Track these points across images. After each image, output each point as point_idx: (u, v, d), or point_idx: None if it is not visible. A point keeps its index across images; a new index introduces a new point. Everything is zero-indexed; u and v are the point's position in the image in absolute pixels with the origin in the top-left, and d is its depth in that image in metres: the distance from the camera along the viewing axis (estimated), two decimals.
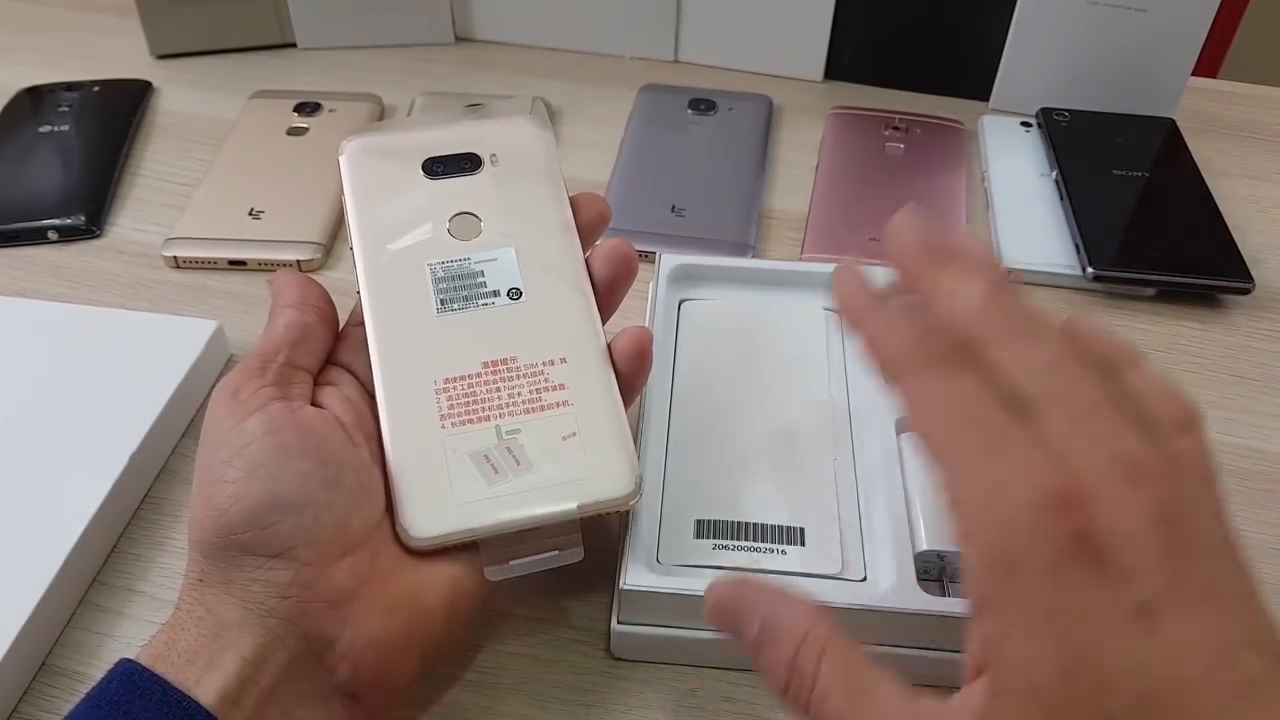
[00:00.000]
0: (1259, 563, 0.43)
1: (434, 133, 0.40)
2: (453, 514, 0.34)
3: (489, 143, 0.40)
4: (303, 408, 0.33)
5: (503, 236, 0.38)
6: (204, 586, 0.31)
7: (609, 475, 0.34)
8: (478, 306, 0.37)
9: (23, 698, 0.38)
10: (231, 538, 0.31)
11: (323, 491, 0.32)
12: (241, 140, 0.62)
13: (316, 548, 0.31)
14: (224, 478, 0.31)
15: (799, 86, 0.69)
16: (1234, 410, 0.49)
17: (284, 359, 0.35)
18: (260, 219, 0.57)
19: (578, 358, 0.36)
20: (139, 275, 0.55)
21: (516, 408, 0.35)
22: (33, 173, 0.60)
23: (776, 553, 0.39)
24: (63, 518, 0.40)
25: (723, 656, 0.38)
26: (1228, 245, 0.56)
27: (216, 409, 0.33)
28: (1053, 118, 0.64)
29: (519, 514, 0.34)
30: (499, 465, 0.34)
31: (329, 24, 0.71)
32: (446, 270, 0.37)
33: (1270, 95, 0.71)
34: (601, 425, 0.35)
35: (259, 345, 0.35)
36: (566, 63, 0.71)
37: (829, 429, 0.43)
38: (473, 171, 0.39)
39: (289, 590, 0.31)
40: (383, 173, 0.39)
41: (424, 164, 0.39)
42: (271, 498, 0.31)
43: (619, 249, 0.38)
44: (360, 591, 0.32)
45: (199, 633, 0.31)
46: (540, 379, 0.36)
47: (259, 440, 0.32)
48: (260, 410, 0.33)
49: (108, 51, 0.71)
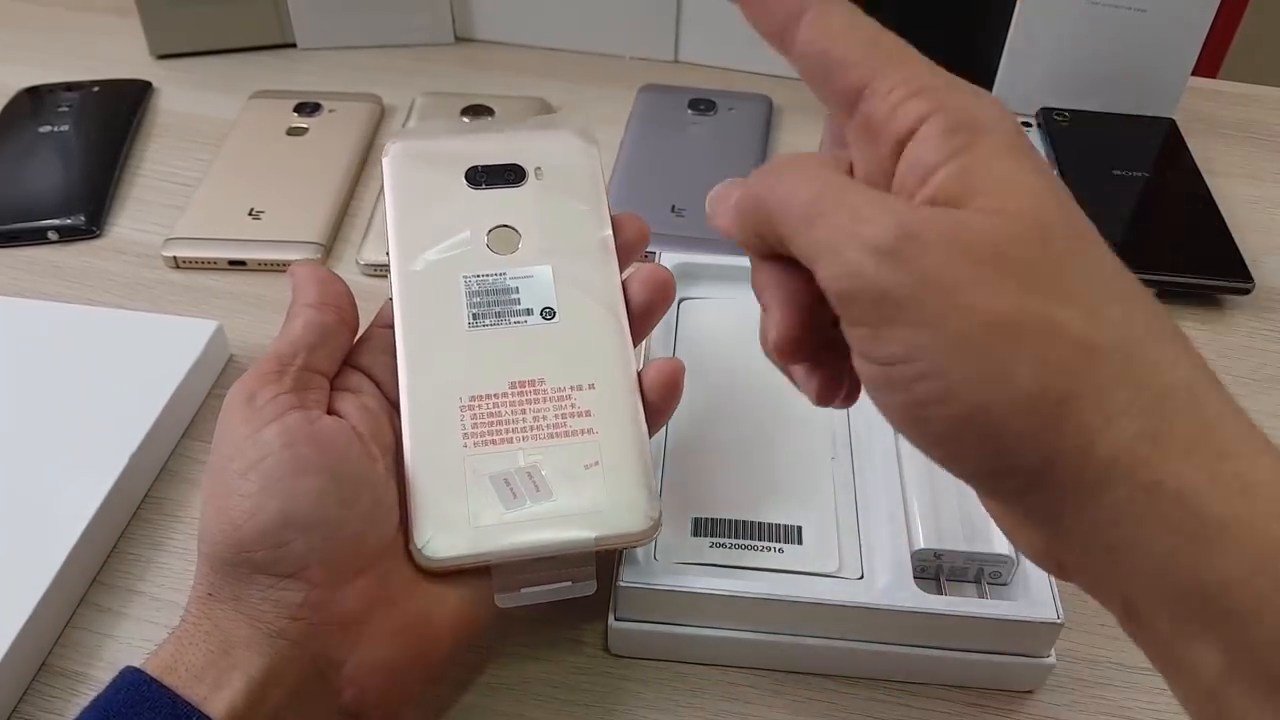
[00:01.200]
0: None
1: (480, 141, 0.40)
2: (468, 536, 0.33)
3: (534, 155, 0.39)
4: (320, 418, 0.33)
5: (541, 253, 0.37)
6: (212, 601, 0.31)
7: (628, 509, 0.34)
8: (510, 324, 0.36)
9: (23, 698, 0.38)
10: (244, 554, 0.30)
11: (338, 510, 0.31)
12: (241, 140, 0.62)
13: (329, 569, 0.31)
14: (239, 491, 0.31)
15: (799, 86, 0.68)
16: None
17: (301, 362, 0.34)
18: (260, 219, 0.57)
19: (606, 384, 0.35)
20: (139, 275, 0.55)
21: (541, 432, 0.34)
22: (33, 173, 0.60)
23: (774, 551, 0.39)
24: (63, 518, 0.40)
25: (721, 653, 0.39)
26: (1228, 245, 0.56)
27: (231, 415, 0.32)
28: (1053, 118, 0.64)
29: (535, 541, 0.33)
30: (518, 490, 0.34)
31: (329, 24, 0.71)
32: (481, 284, 0.37)
33: (1270, 95, 0.71)
34: (625, 456, 0.34)
35: (276, 346, 0.34)
36: (566, 63, 0.71)
37: (826, 427, 0.43)
38: (516, 184, 0.38)
39: (299, 612, 0.30)
40: (425, 178, 0.39)
41: (467, 172, 0.39)
42: (286, 515, 0.30)
43: (658, 275, 0.37)
44: (370, 613, 0.32)
45: (207, 648, 0.30)
46: (567, 404, 0.35)
47: (275, 454, 0.31)
48: (277, 420, 0.32)
49: (108, 51, 0.71)
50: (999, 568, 0.39)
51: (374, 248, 0.55)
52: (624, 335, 0.36)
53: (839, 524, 0.40)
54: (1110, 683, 0.39)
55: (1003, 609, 0.37)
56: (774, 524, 0.39)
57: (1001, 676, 0.38)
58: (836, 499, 0.40)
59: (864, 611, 0.36)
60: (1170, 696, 0.39)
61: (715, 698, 0.38)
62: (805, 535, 0.39)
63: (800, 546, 0.39)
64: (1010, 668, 0.38)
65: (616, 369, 0.36)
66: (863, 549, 0.39)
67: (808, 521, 0.40)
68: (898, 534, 0.39)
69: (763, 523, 0.39)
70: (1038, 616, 0.36)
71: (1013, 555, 0.38)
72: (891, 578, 0.37)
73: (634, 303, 0.37)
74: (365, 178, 0.61)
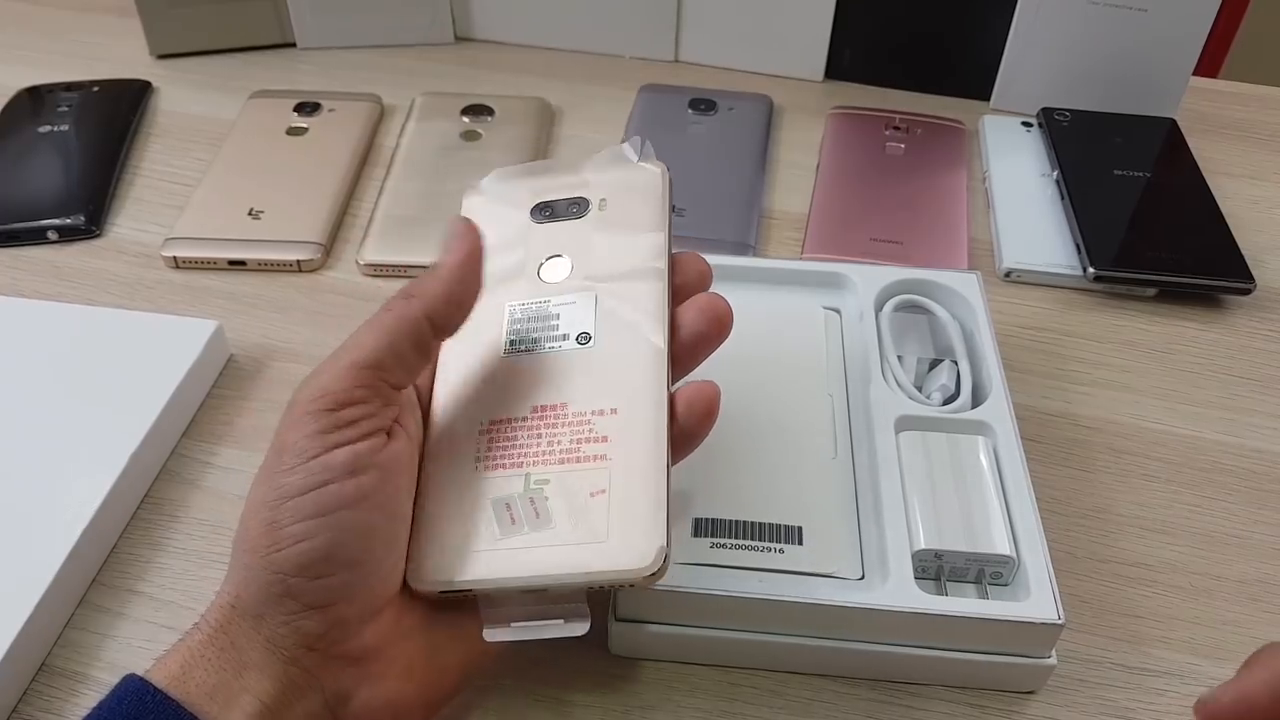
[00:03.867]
0: (1260, 563, 0.43)
1: (551, 175, 0.40)
2: (456, 563, 0.32)
3: (602, 186, 0.39)
4: (386, 446, 0.31)
5: (588, 281, 0.37)
6: (234, 613, 0.30)
7: (631, 544, 0.31)
8: (545, 350, 0.35)
9: (22, 698, 0.38)
10: (278, 575, 0.29)
11: (381, 551, 0.31)
12: (241, 140, 0.62)
13: (357, 606, 0.30)
14: (292, 511, 0.29)
15: (799, 86, 0.69)
16: (1234, 410, 0.49)
17: (396, 380, 0.32)
18: (260, 219, 0.57)
19: (630, 410, 0.34)
20: (139, 275, 0.55)
21: (551, 457, 0.33)
22: (33, 173, 0.60)
23: (774, 551, 0.39)
24: (63, 518, 0.40)
25: (722, 654, 0.39)
26: (1228, 245, 0.56)
27: (306, 421, 0.30)
28: (1054, 118, 0.64)
29: (523, 572, 0.31)
30: (517, 516, 0.32)
31: (329, 24, 0.71)
32: (524, 311, 0.37)
33: (1270, 95, 0.71)
34: (636, 486, 0.32)
35: (375, 350, 0.31)
36: (566, 63, 0.71)
37: (827, 428, 0.43)
38: (578, 216, 0.39)
39: (317, 643, 0.30)
40: (495, 213, 0.39)
41: (534, 208, 0.39)
42: (333, 551, 0.29)
43: (715, 304, 0.35)
44: (383, 650, 0.31)
45: (220, 666, 0.29)
46: (585, 429, 0.33)
47: (339, 481, 0.30)
48: (351, 445, 0.30)
49: (108, 51, 0.71)
50: (1000, 568, 0.38)
51: (374, 247, 0.55)
52: (660, 362, 0.34)
53: (839, 524, 0.40)
54: (1111, 683, 0.39)
55: (1004, 609, 0.37)
56: (774, 524, 0.39)
57: (1002, 677, 0.38)
58: (837, 499, 0.40)
59: (865, 612, 0.36)
60: (1172, 698, 0.39)
61: (715, 698, 0.38)
62: (805, 536, 0.39)
63: (800, 547, 0.39)
64: (1011, 668, 0.38)
65: (644, 395, 0.34)
66: (863, 549, 0.39)
67: (808, 522, 0.39)
68: (898, 534, 0.38)
69: (763, 523, 0.39)
70: (1039, 617, 0.36)
71: (1014, 555, 0.38)
72: (892, 578, 0.37)
73: (686, 330, 0.35)
74: (365, 178, 0.61)
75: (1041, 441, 0.47)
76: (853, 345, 0.46)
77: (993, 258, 0.57)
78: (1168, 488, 0.46)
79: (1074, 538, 0.43)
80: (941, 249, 0.56)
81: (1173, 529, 0.44)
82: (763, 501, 0.40)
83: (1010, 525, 0.39)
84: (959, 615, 0.36)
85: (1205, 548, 0.44)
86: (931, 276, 0.48)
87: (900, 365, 0.45)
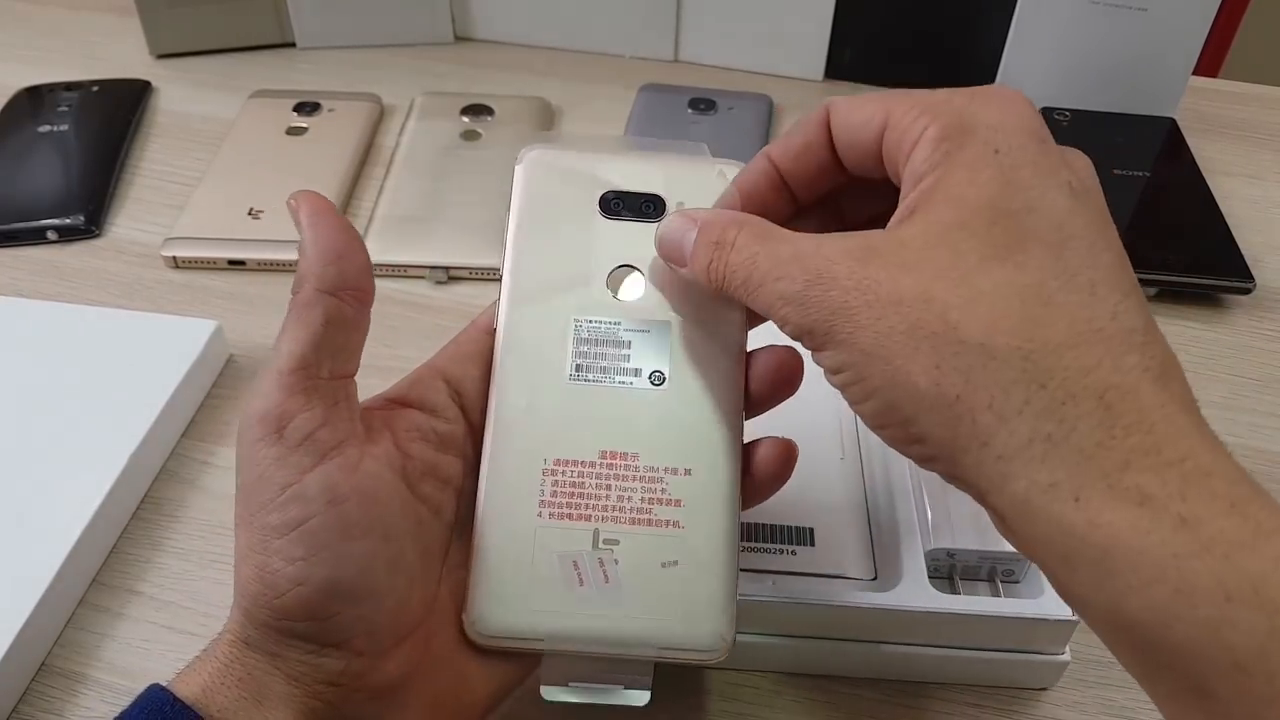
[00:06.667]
0: None
1: (623, 161, 0.35)
2: (525, 618, 0.30)
3: (679, 187, 0.34)
4: (361, 463, 0.29)
5: (663, 306, 0.33)
6: (248, 649, 0.29)
7: (700, 623, 0.30)
8: (614, 383, 0.32)
9: (22, 698, 0.38)
10: (285, 623, 0.28)
11: (385, 576, 0.29)
12: (241, 140, 0.62)
13: (374, 638, 0.29)
14: (281, 554, 0.28)
15: (799, 86, 0.69)
16: (1235, 410, 0.49)
17: (328, 372, 0.29)
18: (260, 219, 0.57)
19: (706, 473, 0.31)
20: (139, 275, 0.55)
21: (623, 515, 0.31)
22: (32, 173, 0.60)
23: (786, 553, 0.38)
24: (62, 518, 0.40)
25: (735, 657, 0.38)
26: (1228, 245, 0.56)
27: (260, 449, 0.28)
28: (1053, 117, 0.64)
29: (594, 639, 0.30)
30: (586, 576, 0.30)
31: (329, 24, 0.71)
32: (592, 331, 0.33)
33: (1270, 95, 0.71)
34: (708, 561, 0.31)
35: (292, 346, 0.29)
36: (566, 63, 0.71)
37: (835, 429, 0.43)
38: (653, 218, 0.33)
39: (339, 679, 0.29)
40: (557, 194, 0.34)
41: (603, 197, 0.34)
42: (333, 587, 0.28)
43: (786, 362, 0.32)
44: (409, 681, 0.30)
45: (240, 695, 0.28)
46: (657, 487, 0.31)
47: (321, 515, 0.28)
48: (318, 469, 0.28)
49: (108, 51, 0.71)
50: (1012, 566, 0.38)
51: (373, 247, 0.55)
52: (737, 418, 0.32)
53: (850, 525, 0.39)
54: (1111, 683, 0.39)
55: (1017, 607, 0.37)
56: (785, 526, 0.39)
57: (1016, 674, 0.38)
58: (847, 500, 0.40)
59: (881, 613, 0.36)
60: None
61: (716, 696, 0.38)
62: (817, 537, 0.39)
63: (812, 548, 0.39)
64: (1025, 665, 0.38)
65: (720, 457, 0.32)
66: (875, 549, 0.39)
67: (818, 523, 0.39)
68: (910, 534, 0.38)
69: (774, 525, 0.39)
70: (1053, 614, 0.36)
71: None
72: (905, 578, 0.37)
73: (755, 384, 0.33)
74: (365, 177, 0.61)
75: None
76: None
77: None
78: None
79: None
80: None
81: None
82: (773, 503, 0.40)
83: None
84: (974, 614, 0.36)
85: None
86: None
87: None
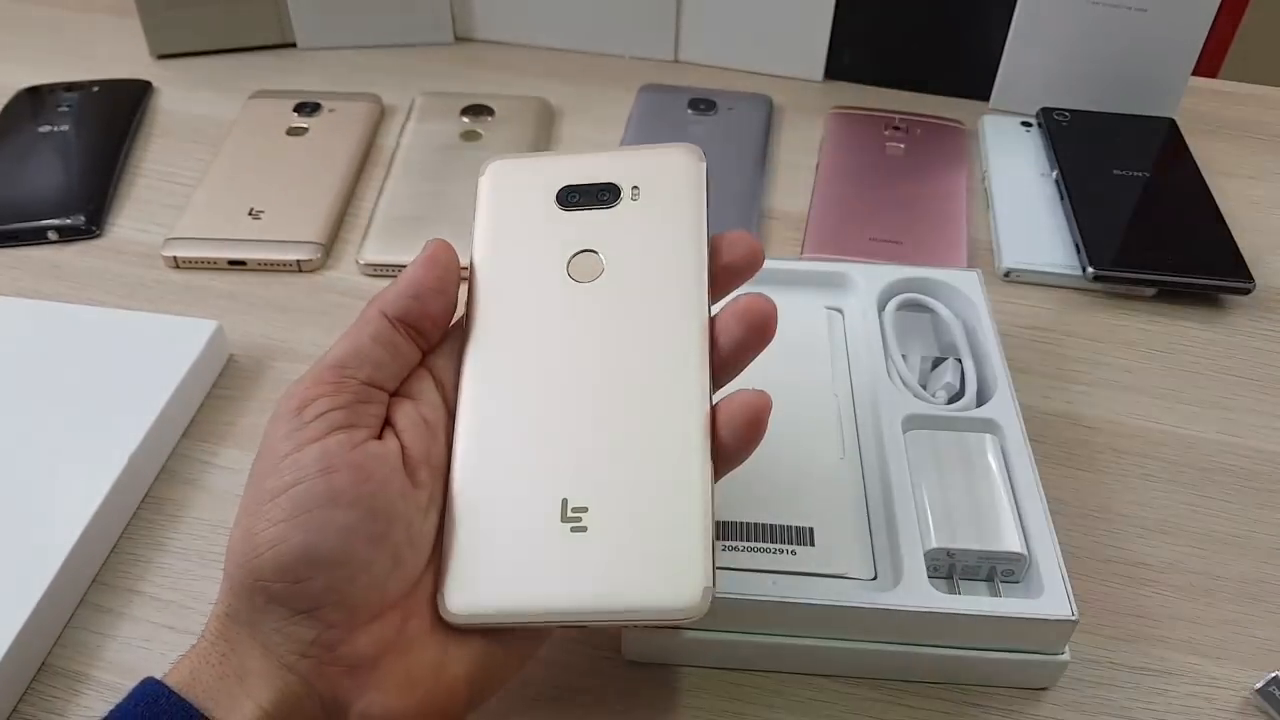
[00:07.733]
0: (1260, 563, 0.43)
1: (578, 159, 0.37)
2: (493, 595, 0.31)
3: (633, 174, 0.36)
4: (366, 442, 0.30)
5: (621, 279, 0.34)
6: (230, 622, 0.30)
7: (674, 582, 0.30)
8: (579, 356, 0.33)
9: (23, 697, 0.38)
10: (260, 583, 0.29)
11: (365, 549, 0.29)
12: (241, 140, 0.62)
13: (346, 610, 0.29)
14: (267, 515, 0.29)
15: (799, 86, 0.69)
16: (1234, 410, 0.49)
17: (365, 376, 0.31)
18: (260, 219, 0.57)
19: (670, 430, 0.32)
20: (139, 275, 0.55)
21: (590, 480, 0.31)
22: (33, 173, 0.60)
23: (786, 553, 0.38)
24: (63, 518, 0.40)
25: (736, 658, 0.39)
26: (1228, 245, 0.56)
27: (278, 425, 0.30)
28: (1053, 117, 0.64)
29: (567, 611, 0.30)
30: (555, 547, 0.31)
31: (329, 24, 0.71)
32: (556, 311, 0.34)
33: (1270, 95, 0.71)
34: (677, 515, 0.30)
35: (339, 351, 0.32)
36: (566, 63, 0.71)
37: (835, 428, 0.43)
38: (609, 205, 0.35)
39: (310, 650, 0.29)
40: (516, 198, 0.36)
41: (559, 193, 0.36)
42: (309, 550, 0.29)
43: (756, 306, 0.33)
44: (383, 659, 0.30)
45: (223, 671, 0.29)
46: (625, 446, 0.32)
47: (310, 480, 0.29)
48: (319, 441, 0.30)
49: (108, 51, 0.71)
50: (1011, 565, 0.38)
51: (374, 247, 0.55)
52: (701, 376, 0.32)
53: (850, 525, 0.40)
54: (1111, 683, 0.39)
55: (1018, 607, 0.37)
56: (785, 526, 0.39)
57: (1016, 674, 0.38)
58: (847, 500, 0.40)
59: (881, 613, 0.36)
60: (1172, 698, 0.39)
61: (716, 696, 0.38)
62: (816, 537, 0.39)
63: (812, 548, 0.39)
64: (1025, 665, 0.38)
65: (684, 412, 0.32)
66: (874, 549, 0.39)
67: (819, 523, 0.39)
68: (909, 533, 0.38)
69: (774, 525, 0.39)
70: (1053, 614, 0.36)
71: (1025, 553, 0.38)
72: (905, 578, 0.37)
73: (725, 338, 0.33)
74: (365, 177, 0.61)
75: (1042, 441, 0.47)
76: (856, 345, 0.46)
77: (992, 257, 0.57)
78: (1168, 488, 0.46)
79: (1074, 537, 0.43)
80: (941, 249, 0.56)
81: (1173, 529, 0.44)
82: (773, 503, 0.40)
83: (1020, 522, 0.39)
84: (974, 614, 0.36)
85: (1205, 548, 0.44)
86: (933, 275, 0.48)
87: (904, 364, 0.45)
